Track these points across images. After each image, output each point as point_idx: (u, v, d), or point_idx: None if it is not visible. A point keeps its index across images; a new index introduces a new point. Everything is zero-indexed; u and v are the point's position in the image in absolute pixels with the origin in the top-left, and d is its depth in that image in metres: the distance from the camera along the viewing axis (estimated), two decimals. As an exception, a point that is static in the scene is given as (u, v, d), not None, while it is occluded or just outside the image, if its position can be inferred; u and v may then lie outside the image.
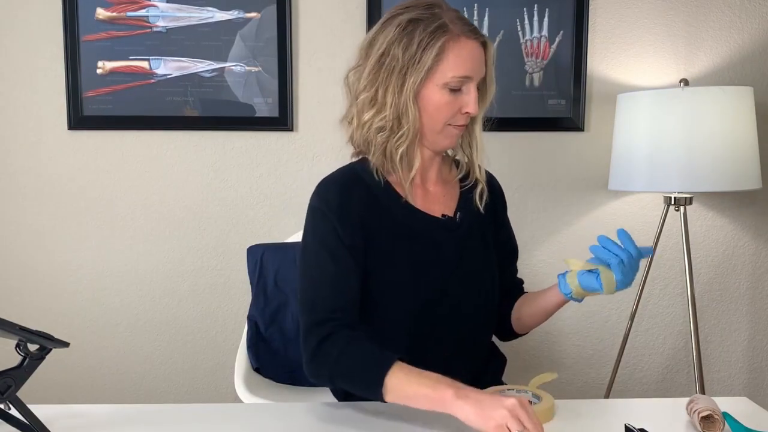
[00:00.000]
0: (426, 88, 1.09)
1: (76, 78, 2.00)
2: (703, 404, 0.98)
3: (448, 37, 1.07)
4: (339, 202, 1.11)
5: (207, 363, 2.12)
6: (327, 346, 1.04)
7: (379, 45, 1.10)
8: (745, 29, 2.07)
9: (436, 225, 1.16)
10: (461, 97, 1.10)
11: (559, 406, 1.09)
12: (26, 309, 2.08)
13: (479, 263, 1.20)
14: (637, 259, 1.05)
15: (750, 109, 1.82)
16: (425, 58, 1.07)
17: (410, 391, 0.96)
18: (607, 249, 1.04)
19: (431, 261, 1.15)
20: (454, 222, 1.18)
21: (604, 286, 1.04)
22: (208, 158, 2.06)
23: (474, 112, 1.11)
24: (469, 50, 1.08)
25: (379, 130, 1.12)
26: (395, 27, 1.09)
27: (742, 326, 2.18)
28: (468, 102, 1.10)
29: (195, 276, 2.10)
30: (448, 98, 1.10)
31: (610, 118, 2.02)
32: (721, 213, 2.13)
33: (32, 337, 0.90)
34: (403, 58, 1.07)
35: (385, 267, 1.13)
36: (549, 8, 2.03)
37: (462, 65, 1.08)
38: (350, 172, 1.17)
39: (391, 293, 1.12)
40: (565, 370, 2.17)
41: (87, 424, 1.02)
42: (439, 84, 1.08)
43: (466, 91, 1.10)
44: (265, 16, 2.01)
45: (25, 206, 2.06)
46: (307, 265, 1.12)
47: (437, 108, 1.10)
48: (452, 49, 1.07)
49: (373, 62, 1.10)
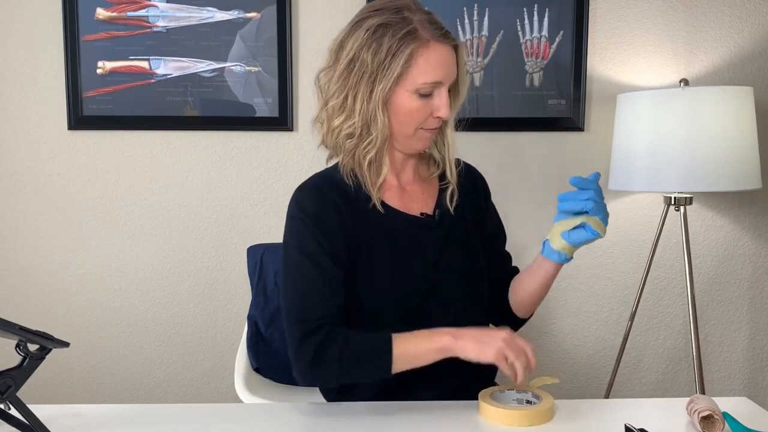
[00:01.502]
0: (396, 94, 1.09)
1: (76, 78, 2.00)
2: (703, 404, 0.98)
3: (418, 44, 1.06)
4: (315, 208, 1.12)
5: (207, 363, 2.12)
6: (326, 350, 1.05)
7: (349, 49, 1.10)
8: (745, 29, 2.07)
9: (414, 224, 1.16)
10: (432, 101, 1.10)
11: (559, 406, 1.09)
12: (26, 309, 2.08)
13: (463, 259, 1.19)
14: (599, 190, 1.05)
15: (750, 109, 1.82)
16: (394, 65, 1.06)
17: (413, 353, 1.04)
18: (574, 200, 1.05)
19: (412, 260, 1.14)
20: (432, 220, 1.18)
21: (598, 230, 1.05)
22: (208, 158, 2.06)
23: (445, 116, 1.10)
24: (439, 55, 1.08)
25: (348, 136, 1.13)
26: (364, 31, 1.08)
27: (742, 326, 2.18)
28: (439, 106, 1.10)
29: (195, 276, 2.10)
30: (419, 104, 1.09)
31: (610, 118, 2.02)
32: (721, 213, 2.13)
33: (32, 337, 0.90)
34: (372, 64, 1.07)
35: (366, 268, 1.13)
36: (549, 8, 2.03)
37: (432, 71, 1.07)
38: (325, 177, 1.18)
39: (375, 295, 1.12)
40: (565, 370, 2.17)
41: (87, 424, 1.02)
42: (410, 90, 1.08)
43: (437, 95, 1.10)
44: (265, 16, 2.01)
45: (25, 206, 2.06)
46: (290, 275, 1.12)
47: (408, 113, 1.10)
48: (422, 55, 1.07)
49: (343, 67, 1.10)
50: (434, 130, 1.14)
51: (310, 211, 1.12)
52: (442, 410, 1.07)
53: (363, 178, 1.14)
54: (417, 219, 1.17)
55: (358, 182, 1.15)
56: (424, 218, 1.17)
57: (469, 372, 1.12)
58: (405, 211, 1.17)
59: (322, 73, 1.16)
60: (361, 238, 1.13)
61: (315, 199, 1.14)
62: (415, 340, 1.05)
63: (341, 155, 1.16)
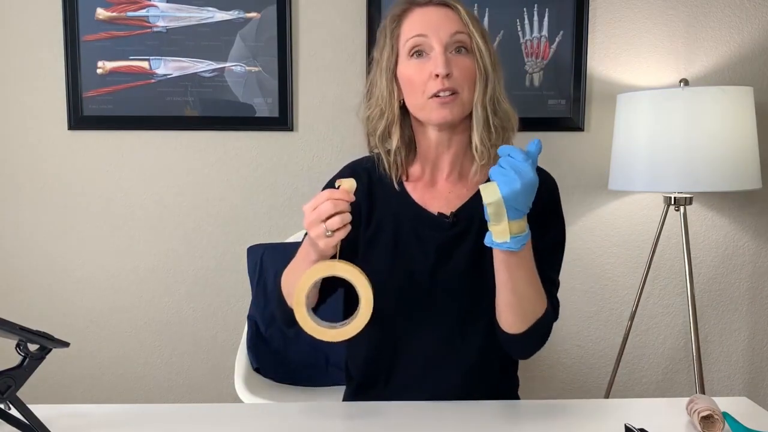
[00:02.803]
0: (399, 67, 1.11)
1: (76, 78, 2.00)
2: (703, 404, 0.98)
3: (404, 13, 1.11)
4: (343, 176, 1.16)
5: (207, 363, 2.12)
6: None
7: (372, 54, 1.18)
8: (745, 29, 2.07)
9: (422, 220, 1.13)
10: (429, 62, 1.08)
11: (559, 406, 1.09)
12: (26, 309, 2.08)
13: (467, 270, 1.12)
14: (521, 158, 0.91)
15: (750, 109, 1.82)
16: (391, 39, 1.11)
17: (294, 264, 1.07)
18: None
19: (411, 254, 1.12)
20: (445, 222, 1.13)
21: (484, 195, 0.91)
22: (208, 158, 2.06)
23: (440, 72, 1.05)
24: (421, 14, 1.10)
25: (369, 120, 1.15)
26: (379, 33, 1.15)
27: (742, 326, 2.18)
28: (435, 64, 1.06)
29: (195, 276, 2.10)
30: (415, 66, 1.09)
31: (610, 118, 2.02)
32: (721, 213, 2.13)
33: (32, 337, 0.90)
34: (379, 51, 1.13)
35: (369, 248, 1.13)
36: (549, 8, 2.03)
37: (414, 27, 1.09)
38: (363, 160, 1.21)
39: (373, 276, 1.02)
40: (565, 370, 2.17)
41: (87, 424, 1.02)
42: (404, 56, 1.10)
43: (432, 55, 1.07)
44: (265, 16, 2.01)
45: (25, 206, 2.06)
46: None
47: (409, 80, 1.09)
48: (407, 21, 1.10)
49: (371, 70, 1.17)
50: (443, 98, 1.07)
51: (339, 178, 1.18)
52: (444, 410, 1.07)
53: (384, 158, 1.15)
54: (428, 216, 1.13)
55: (383, 167, 1.16)
56: (437, 217, 1.13)
57: (463, 376, 1.12)
58: (424, 206, 1.14)
59: None
60: (374, 216, 1.14)
61: (346, 174, 1.18)
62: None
63: (369, 141, 1.18)
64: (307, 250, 1.00)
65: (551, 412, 1.07)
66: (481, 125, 1.09)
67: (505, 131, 1.13)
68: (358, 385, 1.21)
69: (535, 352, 1.11)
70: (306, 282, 0.94)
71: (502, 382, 1.19)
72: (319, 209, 0.92)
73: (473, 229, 1.12)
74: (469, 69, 1.07)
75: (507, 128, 1.13)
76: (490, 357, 1.14)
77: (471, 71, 1.08)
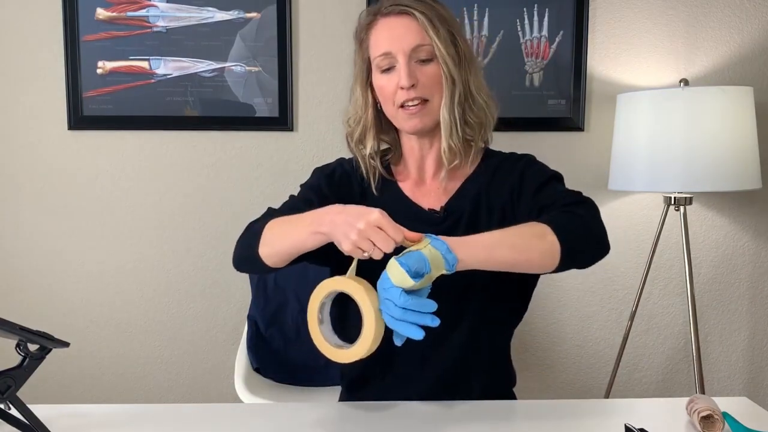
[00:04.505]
0: (372, 77, 1.14)
1: (76, 78, 2.00)
2: (703, 404, 0.98)
3: (371, 24, 1.12)
4: (333, 169, 1.21)
5: (207, 363, 2.12)
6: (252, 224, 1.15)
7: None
8: (745, 29, 2.07)
9: (416, 215, 1.14)
10: (396, 74, 1.10)
11: (559, 406, 1.09)
12: (26, 309, 2.08)
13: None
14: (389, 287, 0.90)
15: (750, 109, 1.82)
16: (362, 50, 1.14)
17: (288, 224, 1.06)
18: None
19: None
20: (434, 216, 1.14)
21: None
22: (208, 158, 2.06)
23: (404, 84, 1.08)
24: (385, 27, 1.11)
25: (347, 122, 1.20)
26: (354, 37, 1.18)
27: (742, 326, 2.18)
28: (398, 76, 1.09)
29: (195, 276, 2.10)
30: (385, 80, 1.11)
31: (610, 118, 2.02)
32: (721, 213, 2.13)
33: (32, 337, 0.90)
34: (355, 58, 1.17)
35: None
36: (549, 8, 2.03)
37: (380, 44, 1.11)
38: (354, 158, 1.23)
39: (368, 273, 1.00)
40: (565, 370, 2.17)
41: (87, 424, 1.02)
42: (375, 69, 1.13)
43: (397, 66, 1.10)
44: (265, 16, 2.01)
45: (25, 206, 2.06)
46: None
47: (380, 92, 1.13)
48: (373, 33, 1.12)
49: None
50: (413, 108, 1.10)
51: (328, 169, 1.22)
52: (445, 410, 1.07)
53: (362, 162, 1.18)
54: (419, 210, 1.15)
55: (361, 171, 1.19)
56: (428, 212, 1.15)
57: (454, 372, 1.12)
58: (416, 202, 1.16)
59: None
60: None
61: (338, 164, 1.23)
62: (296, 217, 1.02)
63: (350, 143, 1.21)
64: (316, 230, 0.96)
65: (551, 412, 1.07)
66: (449, 130, 1.11)
67: (482, 126, 1.15)
68: (352, 382, 1.22)
69: (595, 252, 1.04)
70: (319, 294, 0.97)
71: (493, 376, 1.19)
72: (380, 234, 0.89)
73: (462, 223, 1.14)
74: (435, 76, 1.10)
75: (483, 123, 1.15)
76: (478, 351, 1.14)
77: (437, 78, 1.10)
